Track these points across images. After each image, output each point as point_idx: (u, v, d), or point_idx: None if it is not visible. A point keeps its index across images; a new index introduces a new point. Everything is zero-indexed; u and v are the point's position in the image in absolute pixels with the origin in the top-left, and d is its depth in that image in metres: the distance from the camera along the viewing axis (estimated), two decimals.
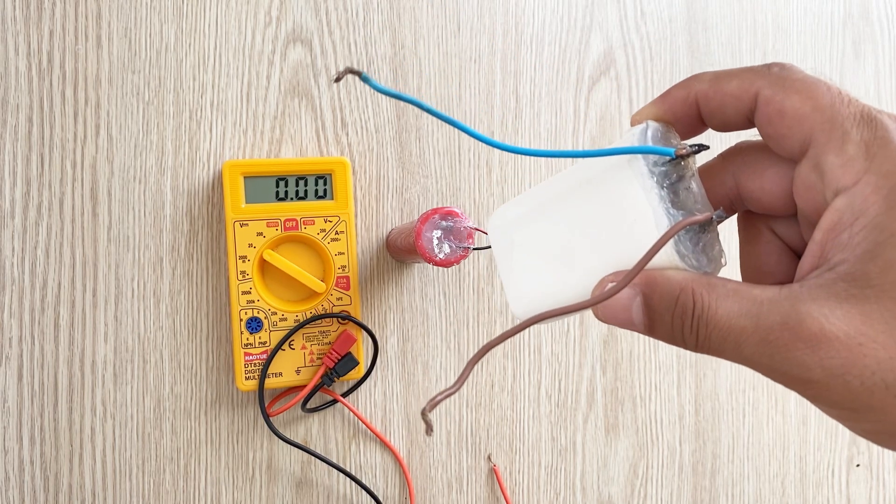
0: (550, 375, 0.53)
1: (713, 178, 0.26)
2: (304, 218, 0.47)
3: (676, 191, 0.23)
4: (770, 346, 0.21)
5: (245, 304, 0.46)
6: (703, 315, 0.22)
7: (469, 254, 0.42)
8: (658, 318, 0.23)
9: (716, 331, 0.22)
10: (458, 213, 0.42)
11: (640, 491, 0.54)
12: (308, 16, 0.49)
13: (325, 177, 0.47)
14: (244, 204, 0.46)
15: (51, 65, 0.46)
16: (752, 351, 0.22)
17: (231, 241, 0.46)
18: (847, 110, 0.22)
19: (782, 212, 0.25)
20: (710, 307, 0.22)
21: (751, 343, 0.22)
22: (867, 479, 0.59)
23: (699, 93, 0.24)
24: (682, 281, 0.23)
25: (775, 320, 0.21)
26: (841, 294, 0.21)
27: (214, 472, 0.48)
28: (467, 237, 0.42)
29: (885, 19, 0.60)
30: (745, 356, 0.22)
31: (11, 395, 0.46)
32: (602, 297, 0.22)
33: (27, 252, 0.46)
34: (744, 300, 0.22)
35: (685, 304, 0.23)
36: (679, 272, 0.23)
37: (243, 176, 0.46)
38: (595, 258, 0.25)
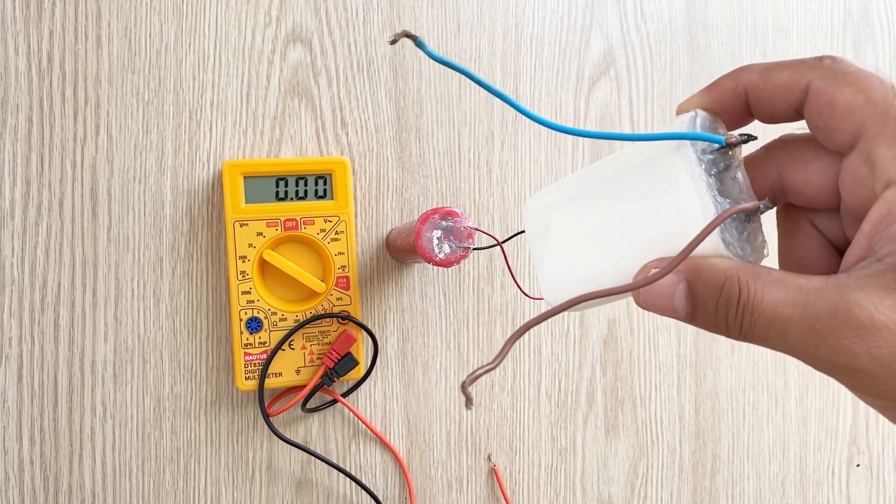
0: (550, 375, 0.53)
1: (757, 170, 0.26)
2: (304, 218, 0.47)
3: (723, 179, 0.23)
4: (817, 334, 0.21)
5: (245, 304, 0.46)
6: (748, 303, 0.22)
7: (469, 254, 0.42)
8: (701, 306, 0.23)
9: (761, 319, 0.22)
10: (458, 213, 0.42)
11: (640, 491, 0.54)
12: (308, 16, 0.49)
13: (325, 177, 0.47)
14: (244, 204, 0.46)
15: (51, 65, 0.46)
16: (797, 339, 0.22)
17: (231, 241, 0.46)
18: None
19: (825, 205, 0.25)
20: (756, 295, 0.22)
21: (797, 331, 0.21)
22: (867, 480, 0.59)
23: (748, 83, 0.24)
24: (728, 269, 0.22)
25: (822, 309, 0.21)
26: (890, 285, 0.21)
27: (214, 472, 0.48)
28: (467, 237, 0.42)
29: (885, 19, 0.60)
30: (791, 344, 0.22)
31: (11, 395, 0.46)
32: (645, 282, 0.22)
33: (27, 252, 0.46)
34: (790, 289, 0.22)
35: (730, 291, 0.22)
36: (724, 260, 0.23)
37: (243, 176, 0.46)
38: (636, 244, 0.25)
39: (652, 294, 0.24)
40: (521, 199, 0.53)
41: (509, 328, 0.52)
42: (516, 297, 0.52)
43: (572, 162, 0.53)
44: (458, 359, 0.51)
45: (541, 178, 0.53)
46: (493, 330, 0.52)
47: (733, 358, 0.57)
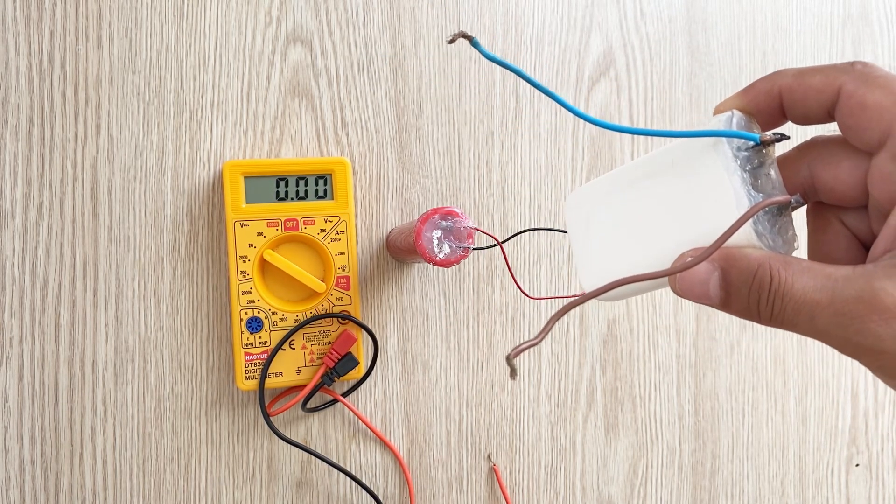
0: (550, 375, 0.53)
1: (789, 168, 0.27)
2: (305, 218, 0.47)
3: (757, 175, 0.25)
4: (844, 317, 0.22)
5: (245, 303, 0.47)
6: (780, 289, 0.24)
7: (469, 254, 0.42)
8: (735, 292, 0.25)
9: (791, 303, 0.23)
10: (458, 213, 0.42)
11: (639, 490, 0.54)
12: (308, 16, 0.49)
13: (325, 177, 0.47)
14: (244, 204, 0.46)
15: (51, 65, 0.46)
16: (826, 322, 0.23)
17: (231, 241, 0.46)
18: None
19: (853, 202, 0.26)
20: (787, 282, 0.23)
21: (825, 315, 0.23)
22: (867, 479, 0.59)
23: (783, 86, 0.26)
24: (760, 258, 0.24)
25: (850, 294, 0.22)
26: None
27: (215, 471, 0.48)
28: (467, 237, 0.42)
29: (885, 20, 0.60)
30: (819, 328, 0.23)
31: (12, 395, 0.46)
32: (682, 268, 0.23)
33: (28, 252, 0.46)
34: (819, 276, 0.23)
35: (763, 278, 0.24)
36: (756, 250, 0.24)
37: (244, 176, 0.46)
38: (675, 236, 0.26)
39: (688, 281, 0.25)
40: (522, 199, 0.53)
41: (509, 328, 0.52)
42: (516, 297, 0.52)
43: (572, 161, 0.53)
44: (458, 359, 0.51)
45: (541, 178, 0.53)
46: (493, 330, 0.52)
47: (733, 358, 0.57)
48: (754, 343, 0.57)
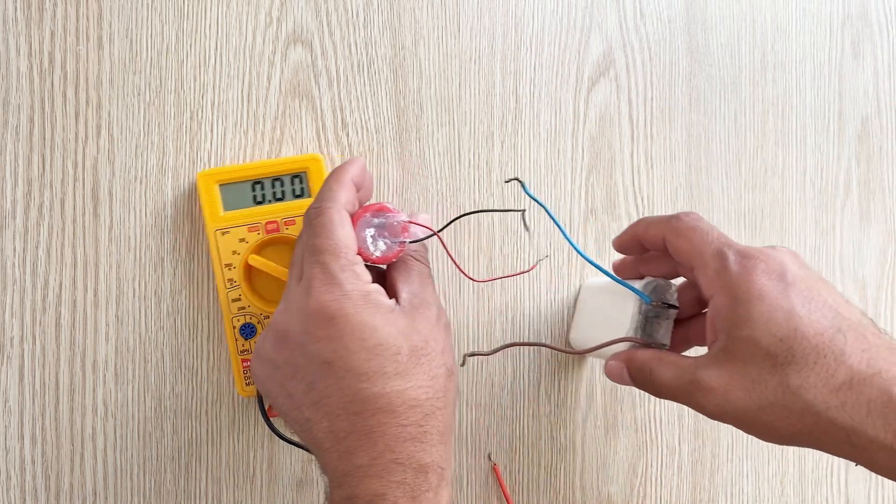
0: (550, 375, 0.53)
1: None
2: (285, 219, 0.47)
3: (649, 319, 0.42)
4: (688, 394, 0.37)
5: (237, 311, 0.46)
6: (653, 378, 0.39)
7: (406, 248, 0.41)
8: (635, 379, 0.40)
9: (661, 387, 0.38)
10: (389, 208, 0.41)
11: (639, 490, 0.55)
12: (308, 16, 0.49)
13: (300, 175, 0.47)
14: (222, 212, 0.46)
15: (52, 65, 0.46)
16: (682, 397, 0.37)
17: (214, 250, 0.46)
18: (708, 248, 0.37)
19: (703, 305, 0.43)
20: (656, 373, 0.39)
21: (679, 394, 0.37)
22: (866, 479, 0.59)
23: (639, 234, 0.42)
24: (644, 358, 0.40)
25: (688, 379, 0.37)
26: (719, 361, 0.36)
27: (215, 471, 0.48)
28: (402, 231, 0.41)
29: (884, 19, 0.61)
30: (680, 400, 0.38)
31: (13, 395, 0.46)
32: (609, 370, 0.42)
33: (28, 252, 0.46)
34: (674, 368, 0.38)
35: (645, 371, 0.39)
36: (646, 351, 0.40)
37: (218, 184, 0.46)
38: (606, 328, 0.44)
39: (611, 373, 0.41)
40: (521, 199, 0.53)
41: (509, 328, 0.52)
42: (516, 297, 0.52)
43: (572, 162, 0.53)
44: (458, 359, 0.51)
45: (541, 178, 0.53)
46: (493, 330, 0.52)
47: None
48: None
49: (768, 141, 0.58)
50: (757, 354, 0.34)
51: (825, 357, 0.33)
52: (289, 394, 0.36)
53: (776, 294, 0.35)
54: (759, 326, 0.34)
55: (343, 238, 0.37)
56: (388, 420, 0.34)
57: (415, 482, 0.34)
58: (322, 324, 0.34)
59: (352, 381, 0.34)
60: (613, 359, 0.41)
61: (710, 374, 0.36)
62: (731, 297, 0.35)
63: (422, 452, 0.35)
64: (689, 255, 0.38)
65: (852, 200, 0.59)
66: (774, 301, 0.34)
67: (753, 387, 0.34)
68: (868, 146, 0.60)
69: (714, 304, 0.37)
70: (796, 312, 0.34)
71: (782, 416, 0.34)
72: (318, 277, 0.36)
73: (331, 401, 0.34)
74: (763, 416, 0.34)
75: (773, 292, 0.35)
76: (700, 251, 0.37)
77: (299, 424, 0.36)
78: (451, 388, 0.38)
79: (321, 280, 0.35)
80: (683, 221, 0.39)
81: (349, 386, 0.34)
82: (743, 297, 0.35)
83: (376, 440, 0.34)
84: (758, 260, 0.36)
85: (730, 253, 0.36)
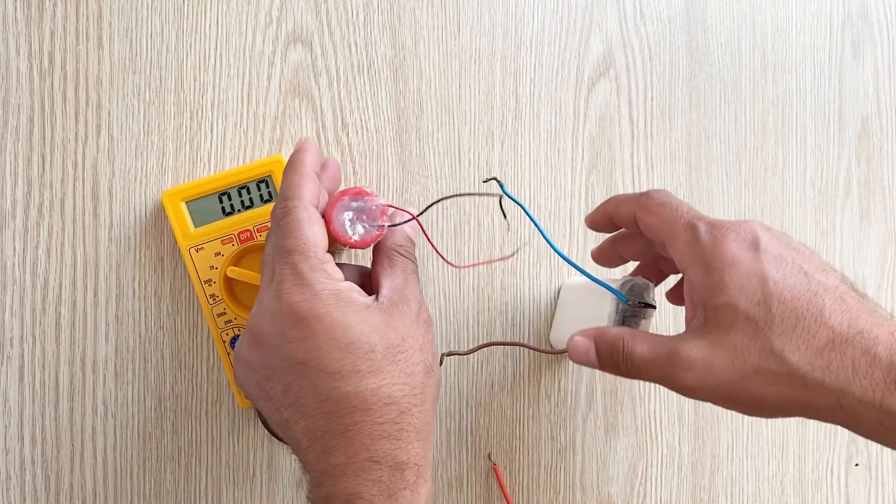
0: (550, 375, 0.53)
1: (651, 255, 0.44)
2: (257, 226, 0.46)
3: (626, 317, 0.43)
4: (666, 369, 0.36)
5: (223, 325, 0.46)
6: (627, 352, 0.37)
7: (385, 231, 0.41)
8: (604, 356, 0.38)
9: (635, 362, 0.37)
10: (367, 191, 0.41)
11: (639, 490, 0.55)
12: (308, 16, 0.49)
13: (265, 179, 0.47)
14: (193, 229, 0.46)
15: (52, 65, 0.46)
16: (654, 373, 0.36)
17: (192, 268, 0.46)
18: (678, 222, 0.37)
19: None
20: (630, 347, 0.37)
21: (653, 368, 0.36)
22: (866, 479, 0.59)
23: (609, 212, 0.42)
24: (617, 332, 0.38)
25: (665, 354, 0.36)
26: (699, 333, 0.35)
27: (215, 471, 0.48)
28: (380, 215, 0.41)
29: (885, 19, 0.61)
30: (653, 377, 0.37)
31: (13, 395, 0.46)
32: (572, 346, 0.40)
33: (28, 252, 0.46)
34: (649, 343, 0.37)
35: (617, 346, 0.38)
36: (619, 327, 0.40)
37: (184, 202, 0.46)
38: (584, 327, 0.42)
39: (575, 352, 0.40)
40: (521, 199, 0.53)
41: (509, 328, 0.52)
42: (516, 296, 0.52)
43: (572, 162, 0.53)
44: (458, 358, 0.51)
45: (541, 178, 0.53)
46: (493, 330, 0.52)
47: None
48: None
49: (768, 141, 0.58)
50: (737, 321, 0.34)
51: (805, 319, 0.33)
52: (268, 395, 0.36)
53: (749, 261, 0.35)
54: (735, 293, 0.34)
55: (312, 237, 0.36)
56: (363, 418, 0.34)
57: (391, 480, 0.34)
58: (294, 325, 0.34)
59: (325, 381, 0.34)
60: (580, 335, 0.39)
61: (690, 345, 0.35)
62: (704, 267, 0.35)
63: (398, 450, 0.34)
64: (659, 230, 0.38)
65: (852, 200, 0.59)
66: (748, 267, 0.34)
67: (737, 355, 0.34)
68: (868, 146, 0.60)
69: (688, 277, 0.37)
70: (770, 277, 0.34)
71: (769, 383, 0.34)
72: (287, 279, 0.35)
73: (306, 401, 0.34)
74: (749, 387, 0.34)
75: (746, 259, 0.35)
76: (670, 225, 0.37)
77: (280, 425, 0.36)
78: (430, 385, 0.37)
79: (291, 281, 0.35)
80: (653, 198, 0.39)
81: (323, 385, 0.34)
82: (716, 266, 0.35)
83: (352, 438, 0.34)
84: (728, 230, 0.36)
85: (700, 224, 0.36)
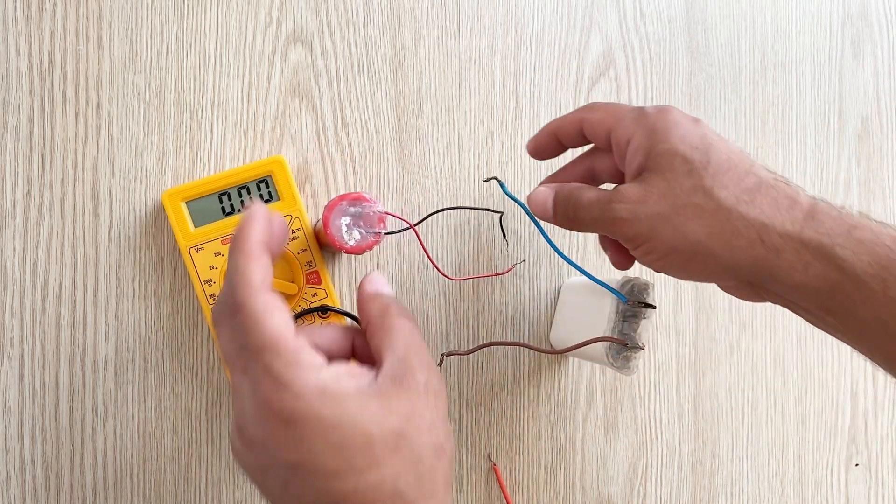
0: (550, 375, 0.53)
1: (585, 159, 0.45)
2: None
3: (626, 318, 0.44)
4: (605, 208, 0.38)
5: None
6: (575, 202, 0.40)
7: (382, 239, 0.41)
8: (559, 207, 0.41)
9: (582, 209, 0.39)
10: (366, 197, 0.41)
11: (639, 490, 0.55)
12: (308, 16, 0.49)
13: (265, 179, 0.47)
14: (193, 229, 0.46)
15: (52, 65, 0.46)
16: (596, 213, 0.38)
17: (192, 268, 0.46)
18: (625, 108, 0.40)
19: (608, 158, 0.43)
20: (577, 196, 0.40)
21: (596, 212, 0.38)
22: (866, 479, 0.59)
23: (553, 129, 0.44)
24: (570, 187, 0.41)
25: (609, 197, 0.38)
26: (638, 177, 0.38)
27: (215, 471, 0.48)
28: (378, 222, 0.41)
29: (884, 19, 0.61)
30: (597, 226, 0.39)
31: (13, 395, 0.46)
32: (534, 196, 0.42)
33: (28, 252, 0.46)
34: (598, 192, 0.39)
35: (571, 199, 0.40)
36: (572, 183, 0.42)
37: (185, 202, 0.46)
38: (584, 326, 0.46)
39: (534, 202, 0.42)
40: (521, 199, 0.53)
41: (509, 328, 0.52)
42: (516, 296, 0.52)
43: None
44: (458, 358, 0.51)
45: (541, 178, 0.53)
46: (493, 330, 0.52)
47: (732, 358, 0.57)
48: (754, 343, 0.57)
49: (768, 141, 0.58)
50: (674, 161, 0.36)
51: (737, 167, 0.36)
52: (269, 489, 0.32)
53: (692, 126, 0.38)
54: (676, 140, 0.37)
55: (275, 328, 0.31)
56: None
57: None
58: (281, 429, 0.31)
59: (322, 483, 0.31)
60: (543, 185, 0.42)
61: (628, 187, 0.37)
62: (649, 131, 0.38)
63: None
64: (606, 122, 0.40)
65: (852, 200, 0.59)
66: (690, 128, 0.37)
67: (669, 189, 0.36)
68: (868, 146, 0.60)
69: (633, 142, 0.38)
70: (710, 136, 0.37)
71: (695, 215, 0.36)
72: (262, 381, 0.31)
73: (307, 499, 0.31)
74: (675, 219, 0.36)
75: (689, 124, 0.38)
76: (616, 112, 0.40)
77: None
78: (442, 468, 0.33)
79: (268, 382, 0.31)
80: (598, 102, 0.42)
81: (321, 486, 0.31)
82: (660, 127, 0.37)
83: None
84: (673, 108, 0.38)
85: (646, 107, 0.39)
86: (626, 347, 0.42)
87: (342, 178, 0.50)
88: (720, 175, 0.36)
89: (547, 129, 0.44)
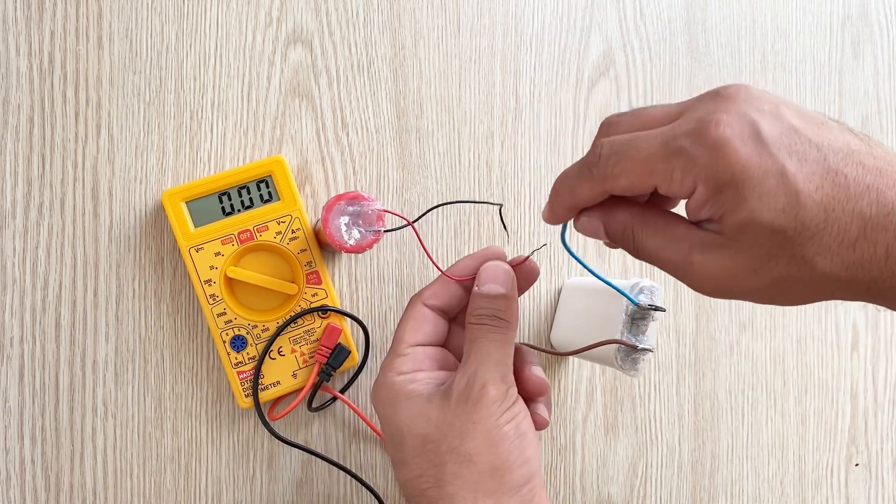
0: (550, 375, 0.53)
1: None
2: (257, 226, 0.46)
3: (634, 320, 0.44)
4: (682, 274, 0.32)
5: (223, 325, 0.46)
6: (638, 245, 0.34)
7: (381, 237, 0.41)
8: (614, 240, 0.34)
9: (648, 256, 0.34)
10: (364, 196, 0.41)
11: (639, 490, 0.55)
12: (308, 16, 0.49)
13: (265, 179, 0.46)
14: (193, 229, 0.46)
15: (52, 65, 0.46)
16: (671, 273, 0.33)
17: (192, 268, 0.46)
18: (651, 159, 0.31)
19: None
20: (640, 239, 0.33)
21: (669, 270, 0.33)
22: (866, 479, 0.59)
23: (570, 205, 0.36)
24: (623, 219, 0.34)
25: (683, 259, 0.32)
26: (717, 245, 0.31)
27: (215, 471, 0.48)
28: (377, 220, 0.41)
29: (884, 19, 0.61)
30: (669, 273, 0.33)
31: (13, 395, 0.46)
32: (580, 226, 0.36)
33: (28, 252, 0.46)
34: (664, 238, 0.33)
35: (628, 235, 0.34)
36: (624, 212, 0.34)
37: (185, 202, 0.46)
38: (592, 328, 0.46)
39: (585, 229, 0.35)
40: (521, 199, 0.53)
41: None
42: None
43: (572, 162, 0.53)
44: None
45: (541, 178, 0.53)
46: None
47: (732, 358, 0.57)
48: (754, 343, 0.57)
49: None
50: (761, 235, 0.29)
51: (833, 212, 0.29)
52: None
53: (758, 159, 0.29)
54: (755, 204, 0.29)
55: (401, 332, 0.40)
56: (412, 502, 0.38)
57: None
58: (377, 405, 0.40)
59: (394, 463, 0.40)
60: (587, 215, 0.35)
61: (707, 258, 0.31)
62: (711, 186, 0.30)
63: None
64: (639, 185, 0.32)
65: None
66: (761, 168, 0.29)
67: (761, 266, 0.30)
68: None
69: (695, 201, 0.31)
70: (789, 171, 0.29)
71: (798, 287, 0.30)
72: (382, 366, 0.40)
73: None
74: (774, 290, 0.31)
75: (755, 159, 0.29)
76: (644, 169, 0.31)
77: None
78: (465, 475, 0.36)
79: (382, 369, 0.40)
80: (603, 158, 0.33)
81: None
82: (725, 180, 0.29)
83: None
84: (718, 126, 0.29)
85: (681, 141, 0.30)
86: (636, 350, 0.42)
87: (342, 178, 0.50)
88: (819, 235, 0.29)
89: (566, 205, 0.35)
